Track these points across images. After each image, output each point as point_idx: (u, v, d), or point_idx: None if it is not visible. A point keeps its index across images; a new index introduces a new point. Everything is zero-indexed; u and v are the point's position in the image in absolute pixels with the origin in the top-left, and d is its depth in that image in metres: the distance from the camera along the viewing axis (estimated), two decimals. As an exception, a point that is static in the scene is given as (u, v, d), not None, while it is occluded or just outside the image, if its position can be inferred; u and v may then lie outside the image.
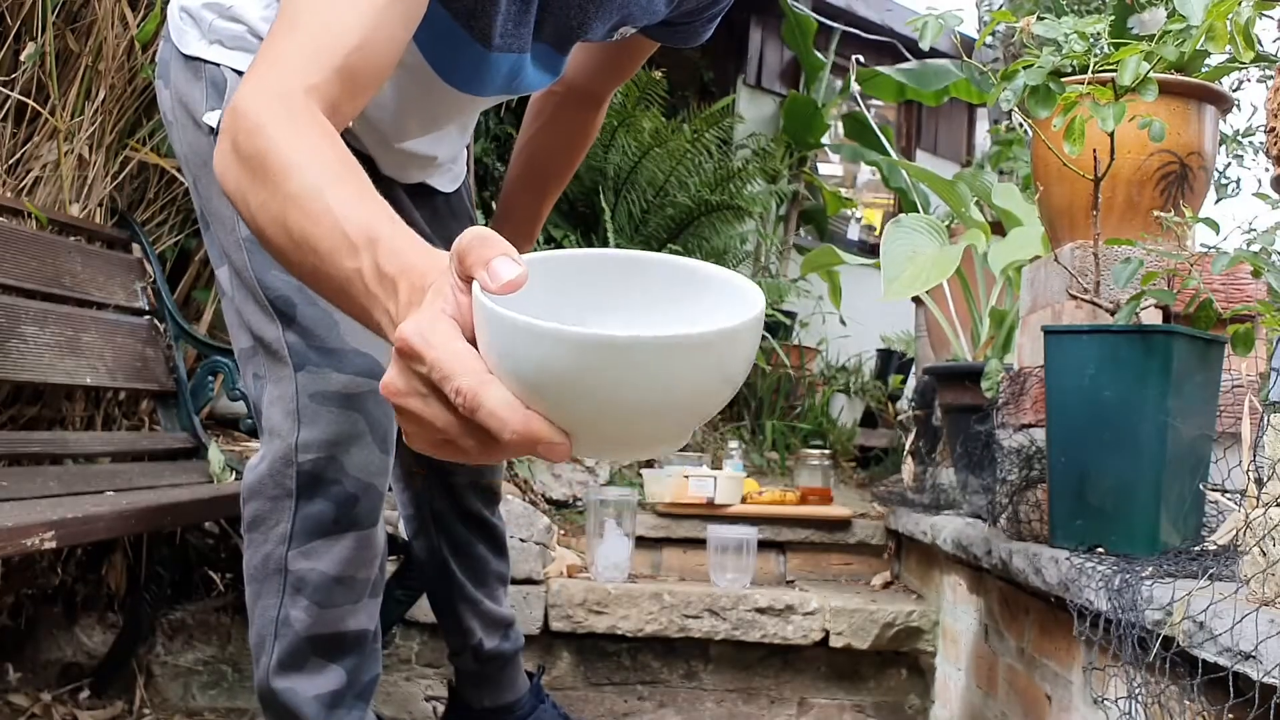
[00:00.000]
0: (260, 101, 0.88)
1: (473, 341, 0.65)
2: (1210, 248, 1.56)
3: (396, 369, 0.66)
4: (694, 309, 0.71)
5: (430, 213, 1.72)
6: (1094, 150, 1.59)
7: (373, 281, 0.73)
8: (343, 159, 0.83)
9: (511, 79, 1.39)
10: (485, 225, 1.98)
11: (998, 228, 2.85)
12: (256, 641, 1.47)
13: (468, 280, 0.65)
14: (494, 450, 0.65)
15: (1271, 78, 1.44)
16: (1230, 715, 1.04)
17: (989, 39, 4.23)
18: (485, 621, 1.85)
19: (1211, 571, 1.25)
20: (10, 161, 2.41)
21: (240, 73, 1.46)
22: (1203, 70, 1.80)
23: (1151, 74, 1.50)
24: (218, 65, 1.48)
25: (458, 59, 1.35)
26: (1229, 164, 3.06)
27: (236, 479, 2.30)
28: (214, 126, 1.45)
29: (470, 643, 1.84)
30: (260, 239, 0.84)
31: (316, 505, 1.42)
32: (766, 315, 4.50)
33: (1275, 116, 1.35)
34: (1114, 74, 1.52)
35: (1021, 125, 1.90)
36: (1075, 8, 1.95)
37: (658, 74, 4.81)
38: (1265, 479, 1.13)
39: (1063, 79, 1.55)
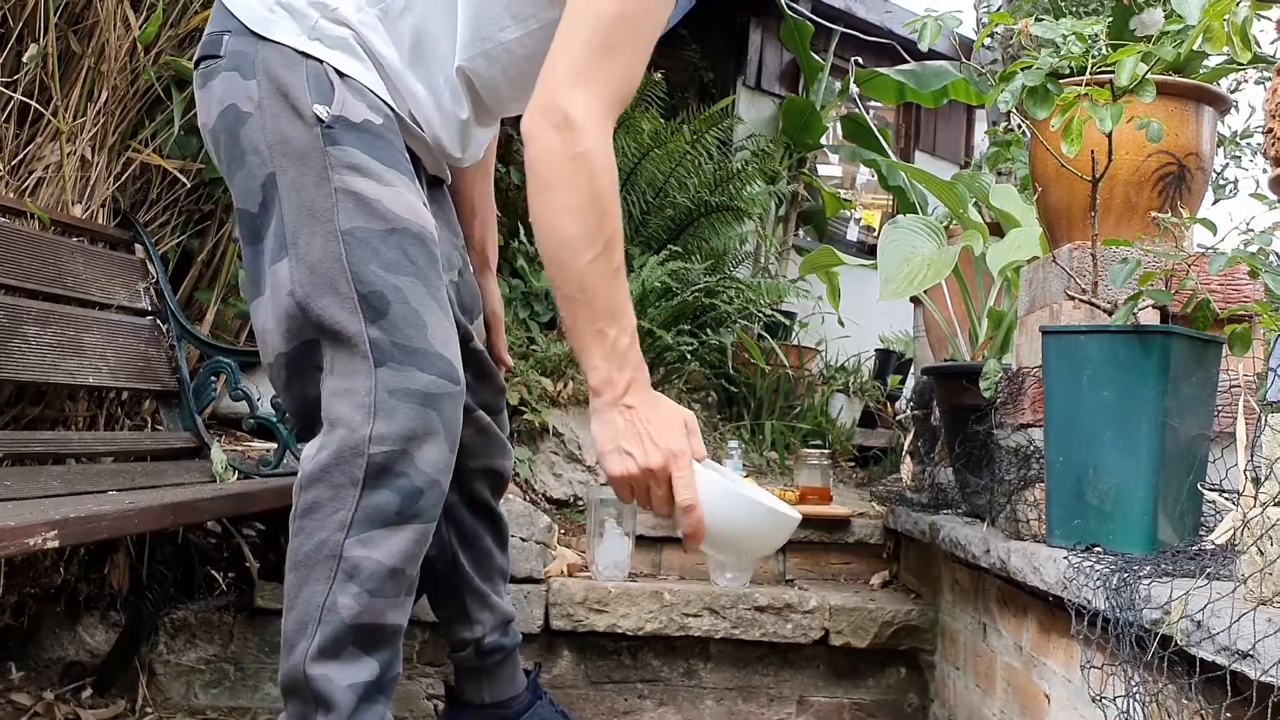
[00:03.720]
0: (596, 122, 1.30)
1: None
2: (1208, 248, 1.56)
3: (661, 460, 1.31)
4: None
5: (438, 200, 1.78)
6: (1092, 151, 1.60)
7: (620, 346, 1.32)
8: None
9: None
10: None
11: (996, 229, 2.86)
12: (295, 628, 1.46)
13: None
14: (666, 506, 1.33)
15: (1269, 79, 1.45)
16: (1228, 714, 1.05)
17: (987, 40, 4.24)
18: (490, 615, 1.88)
19: (1209, 571, 1.26)
20: (13, 163, 2.42)
21: (341, 74, 1.52)
22: (1201, 71, 1.81)
23: (1149, 75, 1.50)
24: (320, 62, 1.52)
25: None
26: (1227, 165, 3.07)
27: (239, 478, 2.31)
28: (321, 117, 1.49)
29: (475, 635, 1.87)
30: (553, 236, 1.31)
31: (381, 495, 1.44)
32: (766, 316, 4.49)
33: (1273, 117, 1.36)
34: (1112, 75, 1.53)
35: (1020, 126, 1.91)
36: (1073, 9, 1.96)
37: (657, 75, 4.81)
38: (1262, 478, 1.14)
39: (1061, 80, 1.56)
